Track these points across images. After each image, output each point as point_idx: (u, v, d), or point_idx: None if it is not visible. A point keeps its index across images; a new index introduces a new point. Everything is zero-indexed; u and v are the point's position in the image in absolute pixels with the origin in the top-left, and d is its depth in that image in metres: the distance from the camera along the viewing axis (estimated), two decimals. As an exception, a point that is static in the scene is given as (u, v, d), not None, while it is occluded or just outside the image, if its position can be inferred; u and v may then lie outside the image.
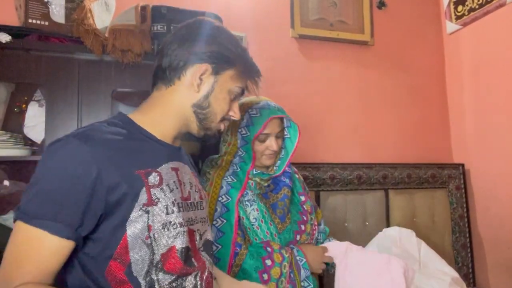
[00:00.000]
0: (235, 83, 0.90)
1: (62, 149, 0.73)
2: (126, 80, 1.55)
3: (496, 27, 2.21)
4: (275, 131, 1.30)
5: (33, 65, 1.45)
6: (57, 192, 0.70)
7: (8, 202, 1.48)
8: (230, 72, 0.89)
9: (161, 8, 1.56)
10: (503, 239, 2.18)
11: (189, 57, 0.85)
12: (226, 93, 0.89)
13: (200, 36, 0.87)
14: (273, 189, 1.36)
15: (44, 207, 0.69)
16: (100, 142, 0.75)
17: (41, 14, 1.47)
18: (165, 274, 0.77)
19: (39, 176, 0.73)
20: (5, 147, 1.45)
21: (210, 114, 0.88)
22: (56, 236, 0.69)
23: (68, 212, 0.70)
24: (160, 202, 0.78)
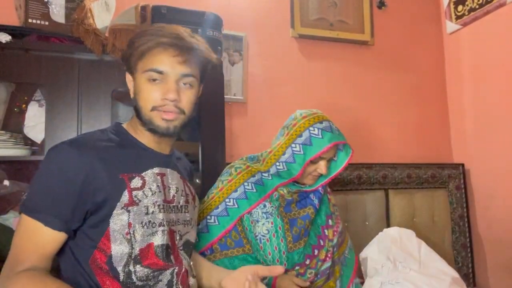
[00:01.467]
0: (145, 68, 0.90)
1: (57, 154, 0.85)
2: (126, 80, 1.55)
3: (496, 27, 2.21)
4: (330, 155, 1.24)
5: (33, 65, 1.45)
6: (52, 192, 0.82)
7: (8, 202, 1.48)
8: (139, 65, 0.91)
9: (161, 8, 1.56)
10: (503, 239, 2.18)
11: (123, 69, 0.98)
12: (142, 84, 0.91)
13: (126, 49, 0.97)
14: (297, 202, 1.27)
15: (41, 203, 0.82)
16: (90, 149, 0.86)
17: (41, 14, 1.46)
18: (142, 267, 0.86)
19: (39, 176, 0.85)
20: (5, 147, 1.45)
21: (138, 109, 0.92)
22: (50, 228, 0.81)
23: (60, 208, 0.82)
24: (141, 202, 0.88)
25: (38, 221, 0.81)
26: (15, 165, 1.66)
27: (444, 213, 2.31)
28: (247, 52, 2.16)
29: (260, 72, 2.19)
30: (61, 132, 1.45)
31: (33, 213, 0.81)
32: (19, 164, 1.66)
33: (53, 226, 0.81)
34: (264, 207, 1.20)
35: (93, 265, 0.84)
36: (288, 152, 1.20)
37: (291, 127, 1.25)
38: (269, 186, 1.23)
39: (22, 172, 1.65)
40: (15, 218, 1.46)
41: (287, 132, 1.25)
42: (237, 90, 2.11)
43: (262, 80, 2.19)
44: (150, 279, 0.87)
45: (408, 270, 1.74)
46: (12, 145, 1.48)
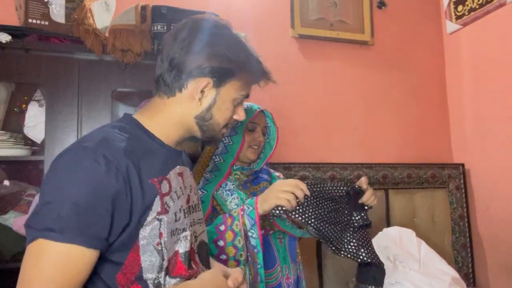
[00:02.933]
0: (239, 92, 0.89)
1: (84, 162, 0.71)
2: (126, 80, 1.55)
3: (496, 27, 2.21)
4: (262, 124, 1.38)
5: (33, 65, 1.45)
6: (84, 207, 0.68)
7: (8, 202, 1.48)
8: (233, 83, 0.87)
9: (161, 8, 1.56)
10: (503, 239, 2.18)
11: (190, 71, 0.83)
12: (229, 103, 0.88)
13: (200, 46, 0.84)
14: (252, 180, 1.40)
15: (75, 223, 0.67)
16: (119, 153, 0.74)
17: (41, 14, 1.47)
18: (171, 278, 0.79)
19: (62, 189, 0.69)
20: (5, 147, 1.45)
21: (213, 125, 0.88)
22: (89, 248, 0.68)
23: (96, 225, 0.69)
24: (171, 210, 0.80)
25: (77, 244, 0.66)
26: (15, 165, 1.66)
27: (444, 213, 2.31)
28: (247, 52, 2.16)
29: (260, 72, 2.19)
30: (61, 132, 1.45)
31: (67, 235, 0.66)
32: (19, 164, 1.66)
33: (95, 245, 0.69)
34: (226, 186, 1.32)
35: (121, 281, 0.74)
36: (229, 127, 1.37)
37: None
38: (224, 166, 1.34)
39: (22, 172, 1.66)
40: (15, 218, 1.46)
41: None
42: (237, 90, 2.11)
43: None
44: None
45: (408, 270, 1.75)
46: (12, 145, 1.48)
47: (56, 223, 0.66)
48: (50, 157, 1.42)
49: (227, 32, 0.90)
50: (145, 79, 1.56)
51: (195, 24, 0.88)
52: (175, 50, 0.84)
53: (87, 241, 0.67)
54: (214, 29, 0.88)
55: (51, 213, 0.67)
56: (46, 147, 1.43)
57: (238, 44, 0.89)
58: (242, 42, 0.91)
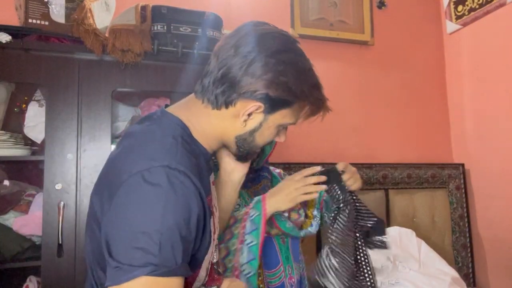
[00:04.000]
0: (288, 120, 0.83)
1: (172, 185, 0.64)
2: (126, 80, 1.55)
3: (496, 27, 2.21)
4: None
5: (33, 65, 1.45)
6: (184, 236, 0.63)
7: (8, 202, 1.48)
8: (284, 111, 0.80)
9: (161, 8, 1.56)
10: (503, 239, 2.18)
11: (244, 92, 0.75)
12: (274, 129, 0.82)
13: (263, 70, 0.74)
14: (252, 179, 1.36)
15: (179, 254, 0.63)
16: (195, 172, 0.68)
17: (41, 14, 1.46)
18: None
19: (151, 219, 0.62)
20: (5, 147, 1.45)
21: (253, 147, 0.84)
22: (183, 277, 0.65)
23: (187, 252, 0.66)
24: (216, 225, 0.77)
25: (177, 276, 0.62)
26: (15, 165, 1.66)
27: (444, 213, 2.31)
28: (247, 52, 2.16)
29: (260, 72, 2.19)
30: (61, 132, 1.45)
31: (171, 268, 0.61)
32: (19, 164, 1.66)
33: (188, 273, 0.65)
34: None
35: None
36: None
37: None
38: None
39: (22, 172, 1.66)
40: (15, 218, 1.46)
41: None
42: (237, 90, 2.11)
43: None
44: None
45: (408, 270, 1.74)
46: (12, 145, 1.48)
47: (159, 257, 0.60)
48: (50, 157, 1.42)
49: (295, 57, 0.80)
50: (145, 79, 1.57)
51: (261, 40, 0.77)
52: (233, 64, 0.75)
53: (183, 271, 0.64)
54: (282, 53, 0.77)
55: (152, 246, 0.60)
56: (46, 147, 1.43)
57: (304, 74, 0.80)
58: (309, 71, 0.82)
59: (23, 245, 1.45)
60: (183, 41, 1.56)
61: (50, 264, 1.38)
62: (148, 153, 0.69)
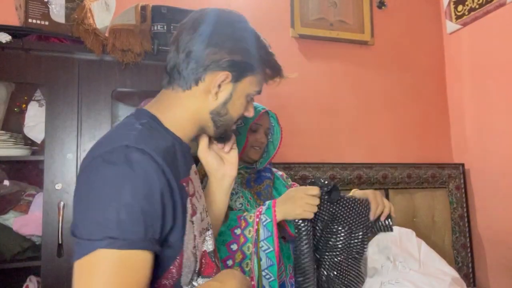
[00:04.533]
0: (254, 88, 0.87)
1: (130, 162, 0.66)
2: (126, 80, 1.55)
3: (496, 27, 2.21)
4: (266, 125, 1.38)
5: (33, 65, 1.45)
6: (143, 210, 0.64)
7: (8, 202, 1.48)
8: (250, 78, 0.84)
9: (161, 8, 1.56)
10: (503, 239, 2.18)
11: (209, 64, 0.79)
12: (243, 99, 0.85)
13: (223, 40, 0.80)
14: (255, 179, 1.39)
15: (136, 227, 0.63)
16: (158, 152, 0.69)
17: (41, 14, 1.46)
18: (203, 279, 0.78)
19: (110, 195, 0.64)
20: (5, 147, 1.45)
21: (228, 120, 0.85)
22: (149, 251, 0.65)
23: (152, 227, 0.66)
24: (197, 210, 0.78)
25: (139, 249, 0.63)
26: (15, 165, 1.66)
27: (444, 213, 2.31)
28: (247, 52, 2.16)
29: (260, 72, 2.19)
30: (61, 132, 1.45)
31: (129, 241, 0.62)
32: (19, 164, 1.66)
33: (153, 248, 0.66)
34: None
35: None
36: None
37: None
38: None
39: (22, 172, 1.66)
40: (15, 218, 1.46)
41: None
42: (237, 90, 2.11)
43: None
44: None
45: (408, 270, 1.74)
46: (12, 145, 1.48)
47: (117, 230, 0.62)
48: (50, 157, 1.42)
49: (249, 26, 0.88)
50: (145, 79, 1.57)
51: (215, 17, 0.84)
52: (194, 42, 0.79)
53: (149, 245, 0.64)
54: (236, 23, 0.85)
55: (108, 220, 0.62)
56: (46, 147, 1.43)
57: (259, 39, 0.88)
58: (262, 38, 0.89)
59: (23, 245, 1.45)
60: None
61: (50, 264, 1.38)
62: (112, 138, 0.73)
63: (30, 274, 1.48)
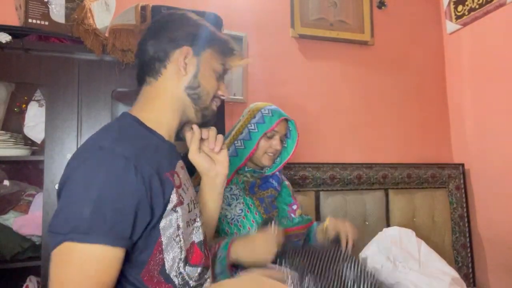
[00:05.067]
0: (217, 61, 0.93)
1: (103, 162, 0.71)
2: (126, 80, 1.55)
3: (496, 27, 2.21)
4: (282, 132, 1.38)
5: (33, 65, 1.45)
6: (107, 206, 0.68)
7: (8, 202, 1.48)
8: (209, 51, 0.91)
9: (161, 8, 1.56)
10: (503, 239, 2.18)
11: (168, 44, 0.88)
12: (211, 71, 0.92)
13: (172, 24, 0.91)
14: (260, 185, 1.38)
15: (100, 223, 0.67)
16: (135, 151, 0.74)
17: (41, 14, 1.47)
18: (191, 267, 0.82)
19: (82, 193, 0.69)
20: (5, 147, 1.45)
21: (203, 93, 0.90)
22: (115, 247, 0.68)
23: (120, 224, 0.69)
24: (184, 201, 0.83)
25: (100, 244, 0.66)
26: (15, 165, 1.66)
27: (444, 213, 2.31)
28: (247, 52, 2.16)
29: (260, 72, 2.19)
30: (61, 132, 1.45)
31: (90, 236, 0.66)
32: (19, 164, 1.66)
33: (121, 244, 0.69)
34: (230, 190, 1.30)
35: (146, 277, 0.76)
36: (245, 131, 1.36)
37: (246, 113, 1.43)
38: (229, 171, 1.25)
39: (22, 172, 1.66)
40: (15, 218, 1.46)
41: (242, 119, 1.42)
42: (237, 90, 2.11)
43: (262, 80, 2.19)
44: (201, 278, 0.84)
45: (408, 270, 1.74)
46: (12, 145, 1.48)
47: (81, 225, 0.66)
48: (50, 157, 1.42)
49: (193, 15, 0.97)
50: (145, 79, 1.56)
51: (161, 16, 0.96)
52: (151, 36, 0.90)
53: (113, 240, 0.68)
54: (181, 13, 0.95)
55: (75, 215, 0.67)
56: (46, 147, 1.43)
57: (201, 21, 0.96)
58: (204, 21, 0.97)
59: (23, 245, 1.45)
60: (183, 41, 1.56)
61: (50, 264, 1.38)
62: (91, 140, 0.79)
63: (30, 274, 1.48)
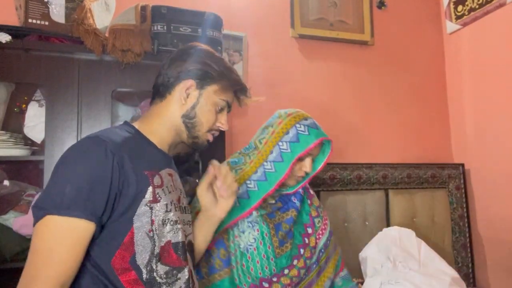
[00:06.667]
0: (219, 96, 1.02)
1: (85, 151, 0.84)
2: (126, 80, 1.55)
3: (496, 27, 2.21)
4: (316, 153, 1.23)
5: (33, 65, 1.45)
6: (86, 188, 0.79)
7: (8, 202, 1.48)
8: (213, 87, 1.01)
9: (161, 8, 1.56)
10: (503, 239, 2.18)
11: (177, 75, 1.00)
12: (211, 105, 1.01)
13: (188, 57, 1.02)
14: (280, 207, 1.25)
15: (76, 200, 0.78)
16: (117, 145, 0.86)
17: (41, 14, 1.47)
18: (162, 265, 0.88)
19: (65, 173, 0.82)
20: (5, 147, 1.45)
21: (197, 123, 1.00)
22: (88, 221, 0.79)
23: (94, 202, 0.80)
24: (162, 200, 0.90)
25: (76, 217, 0.77)
26: (15, 165, 1.66)
27: (444, 213, 2.31)
28: (247, 52, 2.16)
29: (260, 72, 2.19)
30: (61, 132, 1.45)
31: (69, 210, 0.77)
32: (19, 164, 1.66)
33: (93, 219, 0.79)
34: (249, 216, 1.17)
35: (115, 265, 0.83)
36: (276, 150, 1.19)
37: (276, 125, 1.25)
38: (255, 196, 1.16)
39: (22, 172, 1.66)
40: (15, 218, 1.46)
41: (272, 130, 1.24)
42: (237, 90, 2.11)
43: (262, 80, 2.19)
44: (170, 277, 0.89)
45: (408, 270, 1.74)
46: (12, 145, 1.48)
47: (61, 201, 0.77)
48: (50, 157, 1.42)
49: (214, 52, 1.06)
50: (145, 79, 1.56)
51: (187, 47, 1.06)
52: (167, 63, 1.03)
53: (87, 215, 0.78)
54: (203, 49, 1.05)
55: (56, 193, 0.79)
56: (46, 147, 1.43)
57: (219, 58, 1.05)
58: (223, 58, 1.07)
59: (23, 245, 1.45)
60: (183, 41, 1.56)
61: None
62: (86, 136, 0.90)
63: (30, 274, 1.48)
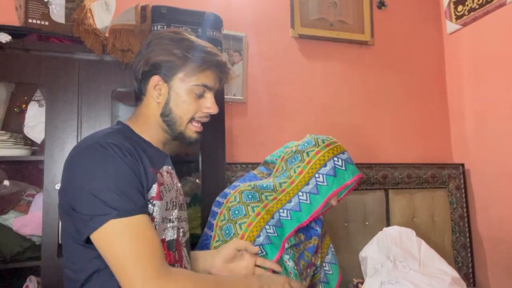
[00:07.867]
0: (191, 83, 0.95)
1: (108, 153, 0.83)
2: (126, 80, 1.55)
3: (496, 27, 2.21)
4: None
5: (33, 65, 1.45)
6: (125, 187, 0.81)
7: (8, 202, 1.48)
8: (179, 75, 0.94)
9: (161, 8, 1.56)
10: (503, 239, 2.18)
11: (141, 75, 0.97)
12: (185, 95, 0.95)
13: (143, 53, 0.97)
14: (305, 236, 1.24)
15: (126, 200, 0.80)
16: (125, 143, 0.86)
17: (41, 14, 1.46)
18: None
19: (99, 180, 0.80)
20: (5, 147, 1.45)
21: (175, 119, 0.96)
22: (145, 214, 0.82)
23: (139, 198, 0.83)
24: (164, 198, 0.91)
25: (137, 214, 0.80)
26: (15, 165, 1.66)
27: (444, 213, 2.31)
28: (247, 52, 2.16)
29: (260, 72, 2.19)
30: (61, 132, 1.45)
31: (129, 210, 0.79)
32: (19, 164, 1.66)
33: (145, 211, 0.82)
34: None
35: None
36: (312, 182, 1.15)
37: (313, 154, 1.20)
38: (288, 227, 1.13)
39: (22, 172, 1.66)
40: (15, 218, 1.46)
41: (308, 159, 1.20)
42: (237, 90, 2.11)
43: (262, 80, 2.19)
44: None
45: (408, 269, 1.74)
46: (12, 145, 1.48)
47: (114, 204, 0.78)
48: (50, 157, 1.42)
49: (168, 34, 0.97)
50: (145, 79, 1.56)
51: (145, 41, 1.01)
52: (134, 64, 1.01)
53: (138, 210, 0.80)
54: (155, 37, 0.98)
55: (106, 199, 0.78)
56: (46, 147, 1.43)
57: (181, 39, 0.96)
58: (184, 38, 0.97)
59: (23, 245, 1.45)
60: (183, 41, 1.56)
61: (50, 264, 1.38)
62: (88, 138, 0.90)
63: (30, 274, 1.48)
